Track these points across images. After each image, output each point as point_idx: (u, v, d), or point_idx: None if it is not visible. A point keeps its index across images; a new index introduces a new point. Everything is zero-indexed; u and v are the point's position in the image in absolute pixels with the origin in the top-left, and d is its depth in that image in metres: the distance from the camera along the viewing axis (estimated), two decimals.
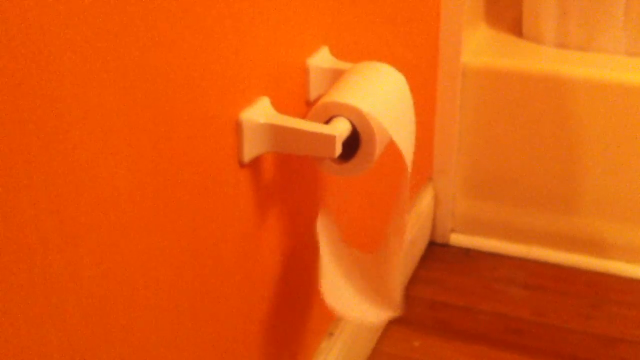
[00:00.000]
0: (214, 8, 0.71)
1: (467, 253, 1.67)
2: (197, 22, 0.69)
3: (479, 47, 1.62)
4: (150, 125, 0.64)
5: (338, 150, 0.79)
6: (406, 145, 0.88)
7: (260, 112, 0.80)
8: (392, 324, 1.44)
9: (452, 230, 1.70)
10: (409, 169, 0.88)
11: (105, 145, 0.59)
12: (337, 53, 1.00)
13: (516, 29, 1.70)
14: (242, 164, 0.80)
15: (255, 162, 0.83)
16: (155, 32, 0.63)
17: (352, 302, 0.98)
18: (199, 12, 0.69)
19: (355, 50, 1.08)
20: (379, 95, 0.85)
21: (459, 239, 1.70)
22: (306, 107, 0.94)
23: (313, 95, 0.95)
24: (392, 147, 0.88)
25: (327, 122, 0.82)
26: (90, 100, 0.57)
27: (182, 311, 0.75)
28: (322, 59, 0.95)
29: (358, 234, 1.26)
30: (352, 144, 0.84)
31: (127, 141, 0.62)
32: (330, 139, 0.78)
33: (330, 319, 1.19)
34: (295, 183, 0.95)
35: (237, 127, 0.78)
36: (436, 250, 1.68)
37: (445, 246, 1.70)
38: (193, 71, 0.69)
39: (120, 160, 0.61)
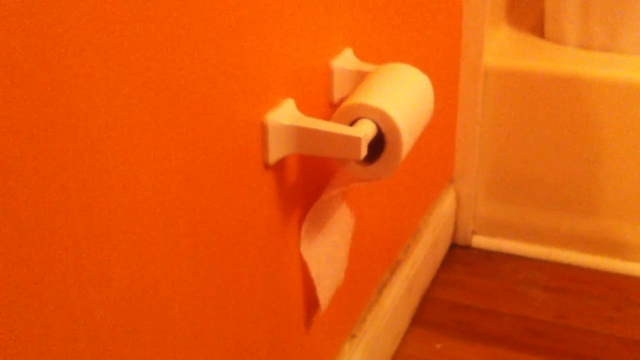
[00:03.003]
0: (238, 11, 0.71)
1: (489, 255, 1.67)
2: (222, 26, 0.69)
3: (500, 48, 1.61)
4: (177, 128, 0.65)
5: (363, 152, 0.79)
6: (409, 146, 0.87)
7: (285, 114, 0.80)
8: (413, 326, 1.44)
9: (474, 233, 1.69)
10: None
11: (131, 149, 0.59)
12: (360, 54, 1.00)
13: (538, 29, 1.69)
14: (267, 166, 0.81)
15: (280, 164, 0.83)
16: (181, 36, 0.63)
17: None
18: (223, 16, 0.69)
19: (378, 52, 1.08)
20: (404, 97, 0.85)
21: (480, 241, 1.69)
22: (330, 109, 0.94)
23: (337, 97, 0.95)
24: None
25: (351, 124, 0.82)
26: (116, 105, 0.57)
27: (205, 312, 0.75)
28: (345, 60, 0.95)
29: (371, 233, 1.26)
30: (377, 146, 0.83)
31: (154, 143, 0.62)
32: (356, 140, 0.78)
33: (353, 321, 1.19)
34: (319, 185, 0.95)
35: (263, 129, 0.79)
36: (458, 253, 1.68)
37: (467, 248, 1.69)
38: (218, 74, 0.69)
39: (147, 163, 0.61)
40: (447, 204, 1.61)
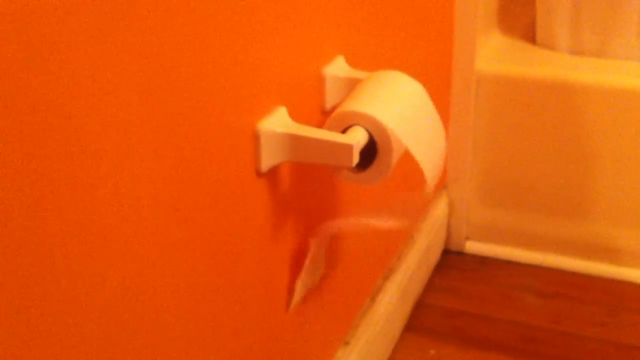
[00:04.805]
0: (230, 19, 0.71)
1: (482, 261, 1.67)
2: (214, 34, 0.69)
3: (492, 54, 1.62)
4: (169, 136, 0.65)
5: (355, 159, 0.79)
6: (427, 154, 0.87)
7: (277, 122, 0.80)
8: (407, 332, 1.44)
9: (467, 238, 1.70)
10: (430, 181, 0.87)
11: (124, 156, 0.59)
12: (352, 62, 1.00)
13: (530, 35, 1.70)
14: (259, 174, 0.81)
15: (273, 172, 0.83)
16: (173, 44, 0.63)
17: None
18: (215, 24, 0.69)
19: (370, 59, 1.08)
20: (396, 104, 0.85)
21: (473, 247, 1.69)
22: (322, 116, 0.94)
23: (329, 104, 0.95)
24: (407, 156, 0.88)
25: (343, 131, 0.82)
26: (111, 111, 0.57)
27: (197, 319, 0.75)
28: (337, 68, 0.95)
29: (363, 240, 1.26)
30: (369, 153, 0.84)
31: (147, 151, 0.62)
32: (348, 148, 0.78)
33: (347, 328, 1.19)
34: (312, 192, 0.95)
35: (255, 137, 0.79)
36: (451, 258, 1.68)
37: (460, 254, 1.69)
38: (210, 82, 0.69)
39: (139, 170, 0.62)
40: (440, 209, 1.61)
